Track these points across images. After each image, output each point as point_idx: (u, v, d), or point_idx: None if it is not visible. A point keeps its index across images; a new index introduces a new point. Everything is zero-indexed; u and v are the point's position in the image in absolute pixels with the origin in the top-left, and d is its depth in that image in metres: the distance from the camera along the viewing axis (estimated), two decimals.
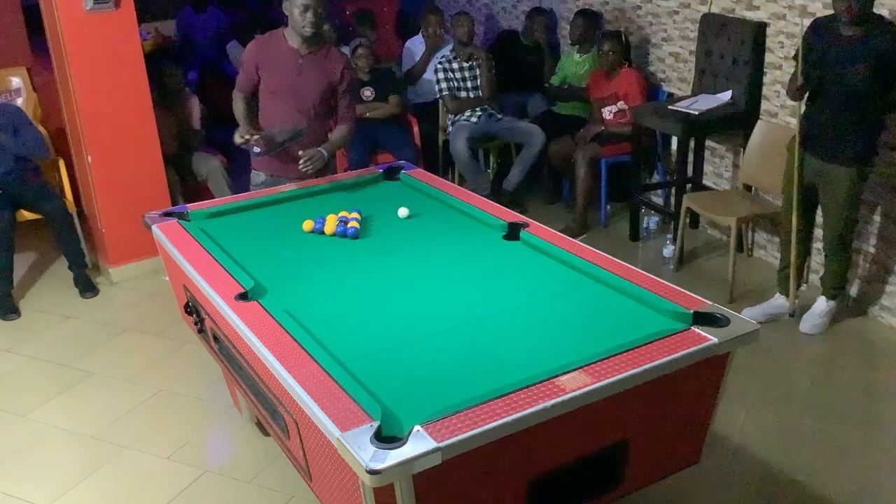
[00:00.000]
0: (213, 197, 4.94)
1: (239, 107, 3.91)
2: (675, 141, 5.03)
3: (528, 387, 2.03)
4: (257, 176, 3.95)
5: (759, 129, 4.51)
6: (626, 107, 5.21)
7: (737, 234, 4.34)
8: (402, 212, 3.29)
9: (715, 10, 4.85)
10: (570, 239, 3.00)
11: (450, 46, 5.96)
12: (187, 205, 3.56)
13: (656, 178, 5.60)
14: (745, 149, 4.58)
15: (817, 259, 4.25)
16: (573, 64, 5.80)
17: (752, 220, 4.61)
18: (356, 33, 6.38)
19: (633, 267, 2.72)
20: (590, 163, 5.21)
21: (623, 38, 5.33)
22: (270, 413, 2.44)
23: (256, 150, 3.67)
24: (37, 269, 5.03)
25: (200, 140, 5.61)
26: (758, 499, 2.99)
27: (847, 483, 3.01)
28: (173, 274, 3.23)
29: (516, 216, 3.20)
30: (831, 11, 4.11)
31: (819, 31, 3.70)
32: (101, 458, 3.32)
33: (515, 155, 5.72)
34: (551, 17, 6.29)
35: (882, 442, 3.23)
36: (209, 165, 5.39)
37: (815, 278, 4.26)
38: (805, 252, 4.04)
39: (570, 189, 5.60)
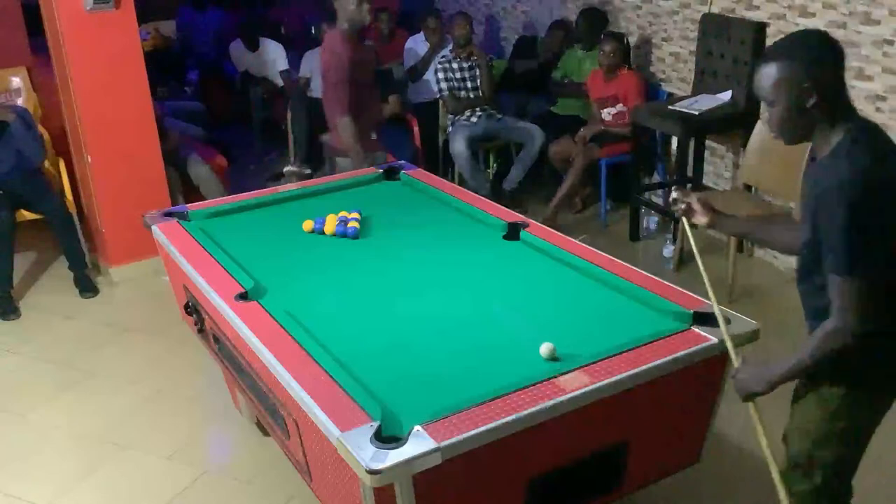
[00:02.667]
0: None
1: (352, 131, 3.99)
2: (675, 141, 5.03)
3: (528, 387, 2.03)
4: (343, 160, 4.12)
5: (759, 129, 4.50)
6: (625, 108, 5.21)
7: None
8: (545, 350, 2.29)
9: (715, 10, 4.85)
10: (570, 239, 3.00)
11: (450, 46, 5.96)
12: (187, 205, 3.56)
13: (656, 178, 5.60)
14: (745, 149, 4.58)
15: None
16: (575, 59, 5.79)
17: None
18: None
19: (633, 267, 2.72)
20: (587, 164, 5.22)
21: (625, 41, 5.33)
22: (270, 413, 2.44)
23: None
24: (37, 269, 5.03)
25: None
26: (758, 498, 2.99)
27: None
28: (173, 274, 3.23)
29: (516, 216, 3.20)
30: (831, 10, 4.11)
31: None
32: (101, 458, 3.32)
33: (515, 155, 5.72)
34: (570, 30, 6.23)
35: (882, 442, 3.23)
36: (197, 171, 5.28)
37: None
38: None
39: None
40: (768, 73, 1.90)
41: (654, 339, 2.25)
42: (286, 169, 6.06)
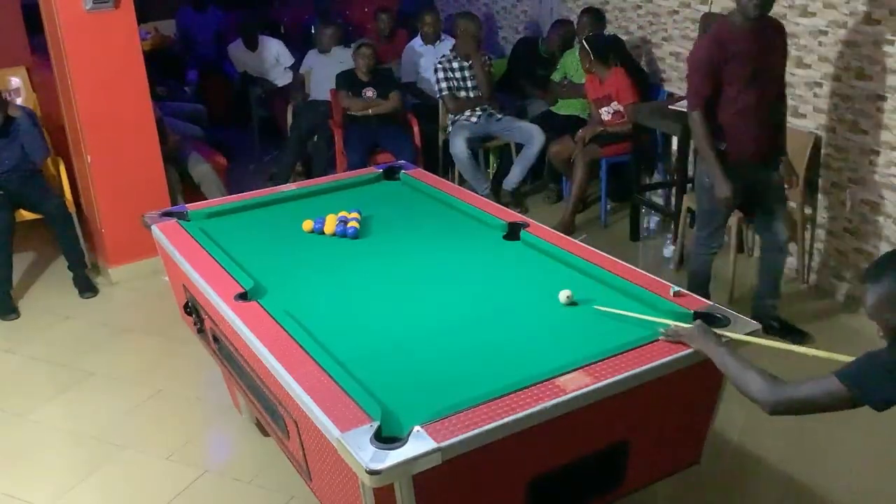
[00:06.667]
0: None
1: (703, 130, 3.56)
2: (675, 141, 5.03)
3: (528, 387, 2.03)
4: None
5: None
6: (620, 107, 5.21)
7: (737, 234, 4.33)
8: (563, 296, 2.58)
9: (715, 9, 4.84)
10: (570, 239, 3.00)
11: (450, 46, 5.96)
12: (187, 205, 3.56)
13: (656, 178, 5.59)
14: None
15: None
16: (574, 60, 5.79)
17: None
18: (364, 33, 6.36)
19: (633, 267, 2.72)
20: (588, 164, 5.21)
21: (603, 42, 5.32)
22: (270, 413, 2.44)
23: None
24: (36, 269, 5.03)
25: None
26: (759, 499, 2.99)
27: (848, 483, 3.01)
28: (173, 274, 3.22)
29: (516, 216, 3.20)
30: (832, 10, 4.11)
31: None
32: (101, 458, 3.32)
33: (515, 155, 5.72)
34: (570, 30, 6.21)
35: (883, 442, 3.23)
36: (198, 170, 5.28)
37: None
38: None
39: (570, 189, 5.60)
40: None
41: (654, 340, 2.25)
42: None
